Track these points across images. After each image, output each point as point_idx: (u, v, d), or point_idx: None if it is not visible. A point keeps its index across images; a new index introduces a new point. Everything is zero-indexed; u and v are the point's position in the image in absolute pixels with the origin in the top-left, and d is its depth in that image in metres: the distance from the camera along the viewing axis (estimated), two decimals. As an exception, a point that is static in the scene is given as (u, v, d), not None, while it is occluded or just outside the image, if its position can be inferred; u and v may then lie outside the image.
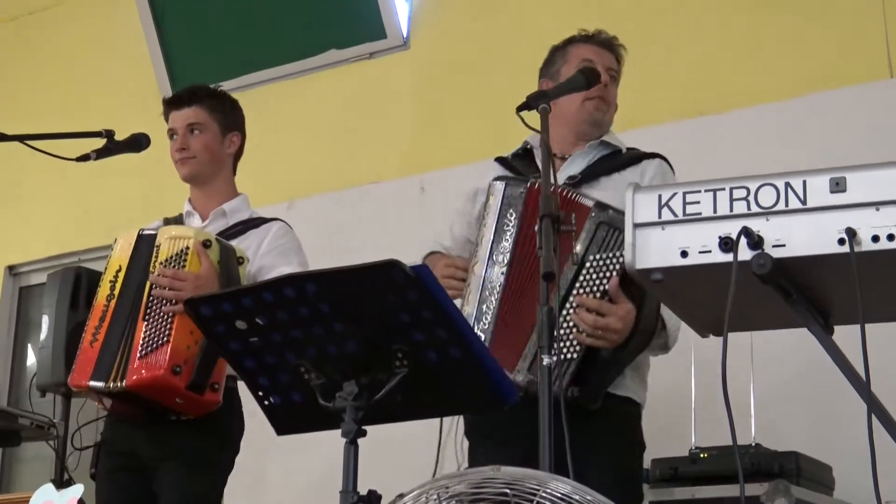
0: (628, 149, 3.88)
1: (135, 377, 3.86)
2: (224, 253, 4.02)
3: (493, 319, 3.44)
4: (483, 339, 3.39)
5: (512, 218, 3.52)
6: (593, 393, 3.45)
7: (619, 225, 3.30)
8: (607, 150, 3.85)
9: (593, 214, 3.45)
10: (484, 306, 3.45)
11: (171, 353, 3.84)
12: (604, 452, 3.48)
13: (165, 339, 3.86)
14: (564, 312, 3.41)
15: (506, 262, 3.49)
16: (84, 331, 4.07)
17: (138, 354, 3.88)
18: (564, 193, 3.50)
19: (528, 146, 3.89)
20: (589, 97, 3.80)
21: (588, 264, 3.40)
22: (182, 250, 3.97)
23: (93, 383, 3.93)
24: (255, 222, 4.31)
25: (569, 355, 3.42)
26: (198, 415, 3.95)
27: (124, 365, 3.90)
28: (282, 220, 4.36)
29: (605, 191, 3.63)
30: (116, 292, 4.04)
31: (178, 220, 4.35)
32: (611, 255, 3.39)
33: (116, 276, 4.07)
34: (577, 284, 3.42)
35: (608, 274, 3.38)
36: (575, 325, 3.40)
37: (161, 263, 3.98)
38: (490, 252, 3.51)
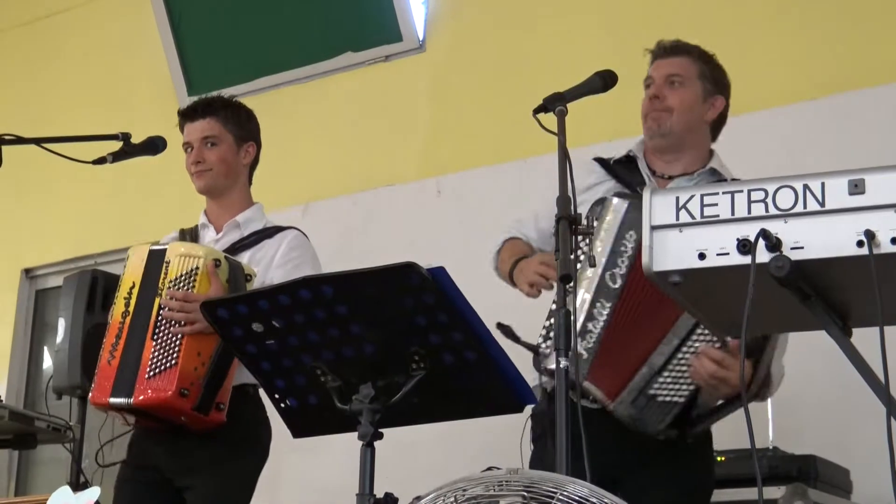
0: (733, 179, 3.67)
1: (142, 397, 3.88)
2: (233, 272, 4.00)
3: (598, 340, 3.37)
4: (585, 357, 3.34)
5: (631, 240, 3.41)
6: (687, 437, 3.48)
7: None
8: (714, 179, 3.70)
9: None
10: (590, 324, 3.39)
11: (180, 376, 3.85)
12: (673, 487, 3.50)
13: (174, 361, 3.87)
14: (680, 355, 3.39)
15: (619, 285, 3.40)
16: (101, 348, 4.07)
17: (146, 374, 3.88)
18: None
19: (632, 154, 3.79)
20: (644, 113, 3.75)
21: None
22: (192, 270, 3.94)
23: (113, 400, 3.93)
24: (268, 232, 4.28)
25: (677, 398, 3.41)
26: (200, 431, 3.96)
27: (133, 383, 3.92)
28: (297, 230, 4.32)
29: None
30: (131, 309, 4.03)
31: (193, 233, 4.34)
32: None
33: (130, 293, 4.05)
34: (699, 329, 3.38)
35: None
36: (689, 367, 3.39)
37: (171, 281, 3.96)
38: (603, 271, 3.42)
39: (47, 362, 7.45)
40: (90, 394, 4.06)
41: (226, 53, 7.15)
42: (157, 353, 3.90)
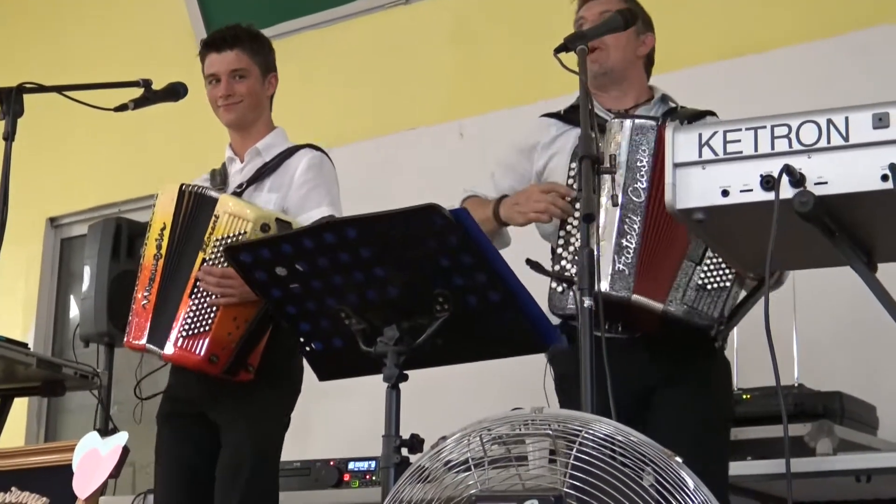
0: (680, 106, 3.82)
1: (172, 352, 3.90)
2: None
3: (636, 253, 3.41)
4: (626, 273, 3.38)
5: (644, 154, 3.48)
6: (727, 331, 3.49)
7: None
8: (666, 108, 3.79)
9: None
10: (623, 241, 3.42)
11: (210, 342, 3.84)
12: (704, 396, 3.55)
13: (207, 326, 3.85)
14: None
15: (643, 197, 3.45)
16: (134, 290, 4.06)
17: (179, 333, 3.88)
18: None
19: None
20: None
21: None
22: (238, 234, 3.86)
23: (150, 346, 3.95)
24: (289, 151, 4.24)
25: (725, 282, 3.43)
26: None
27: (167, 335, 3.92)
28: (315, 148, 4.28)
29: None
30: (163, 251, 4.01)
31: (223, 171, 4.29)
32: None
33: (162, 234, 4.03)
34: None
35: None
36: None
37: (216, 240, 3.89)
38: (624, 188, 3.45)
39: (74, 311, 7.49)
40: (126, 337, 4.06)
41: (246, -1, 7.13)
42: (192, 314, 3.88)
